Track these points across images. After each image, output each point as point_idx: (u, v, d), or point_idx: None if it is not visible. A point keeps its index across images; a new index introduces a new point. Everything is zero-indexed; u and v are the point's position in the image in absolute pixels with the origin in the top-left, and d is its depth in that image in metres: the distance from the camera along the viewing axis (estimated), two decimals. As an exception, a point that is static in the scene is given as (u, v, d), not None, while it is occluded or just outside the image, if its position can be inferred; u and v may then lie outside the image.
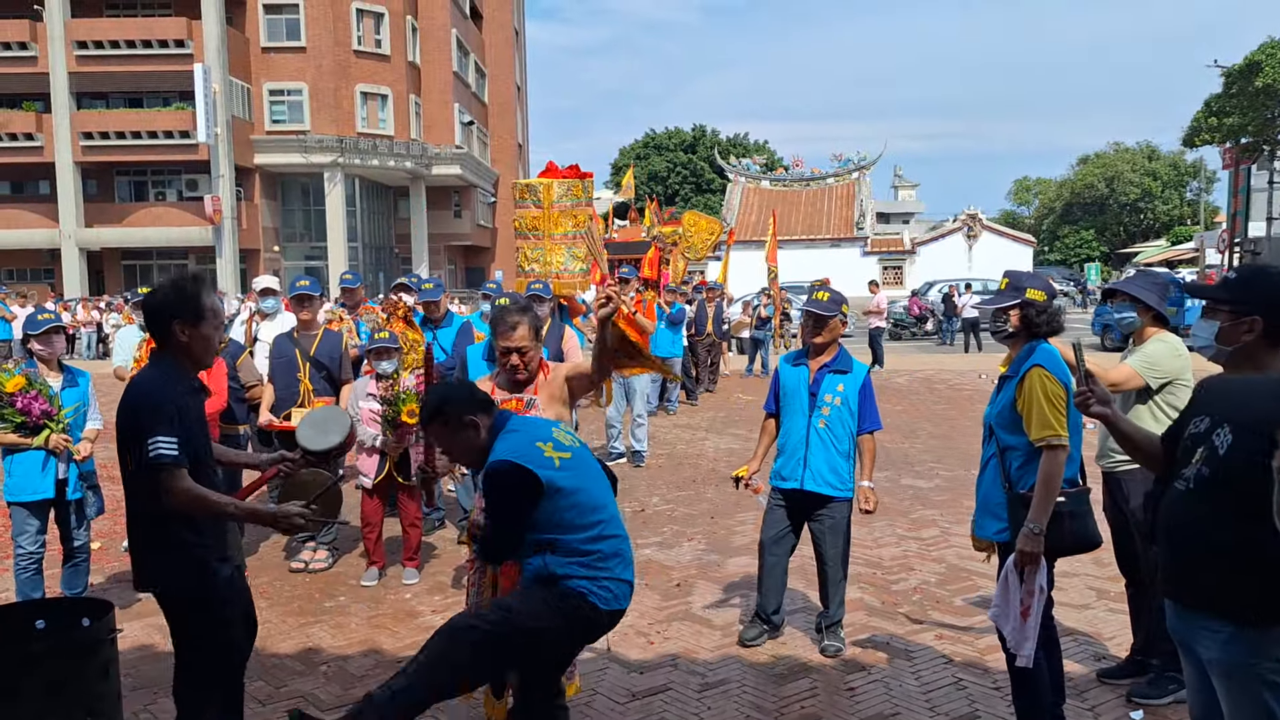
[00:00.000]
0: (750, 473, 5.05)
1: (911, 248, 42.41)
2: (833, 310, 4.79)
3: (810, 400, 4.81)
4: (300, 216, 41.06)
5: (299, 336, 6.30)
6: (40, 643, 3.57)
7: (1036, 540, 3.54)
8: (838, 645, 4.87)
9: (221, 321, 3.42)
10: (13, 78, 35.46)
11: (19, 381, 4.70)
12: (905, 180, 79.14)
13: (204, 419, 3.39)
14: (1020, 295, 3.76)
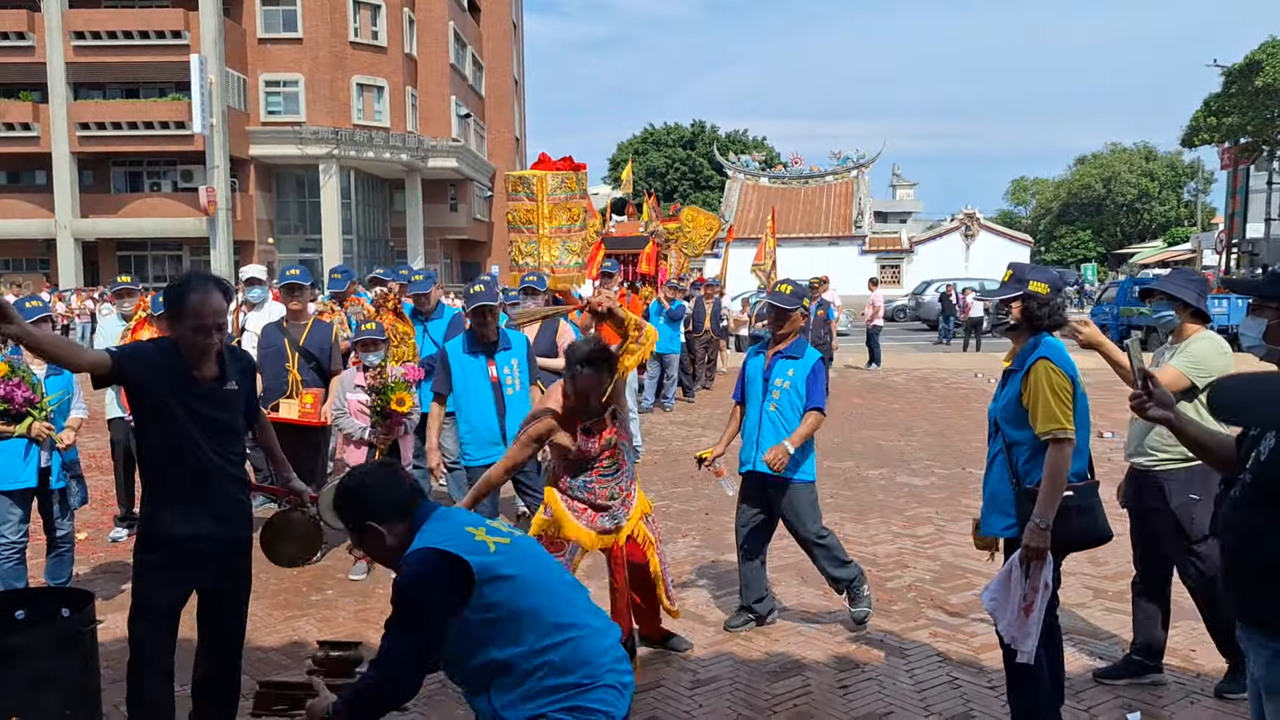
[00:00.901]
0: (714, 455, 5.18)
1: (909, 246, 42.42)
2: (793, 303, 4.99)
3: (764, 385, 4.99)
4: (295, 208, 40.93)
5: (288, 326, 6.23)
6: (20, 634, 3.51)
7: (1043, 535, 3.49)
8: (865, 610, 5.04)
9: (204, 326, 3.32)
10: (10, 67, 35.34)
11: (1, 369, 4.63)
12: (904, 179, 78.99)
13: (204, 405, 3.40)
14: (1023, 287, 3.71)
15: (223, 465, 3.46)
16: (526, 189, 7.93)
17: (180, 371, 3.34)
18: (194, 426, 3.36)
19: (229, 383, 3.49)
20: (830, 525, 7.05)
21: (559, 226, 7.85)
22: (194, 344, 3.32)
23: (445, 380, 5.45)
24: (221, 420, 3.46)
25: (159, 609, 3.43)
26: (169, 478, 3.40)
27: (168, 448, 3.37)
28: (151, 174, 39.11)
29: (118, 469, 6.84)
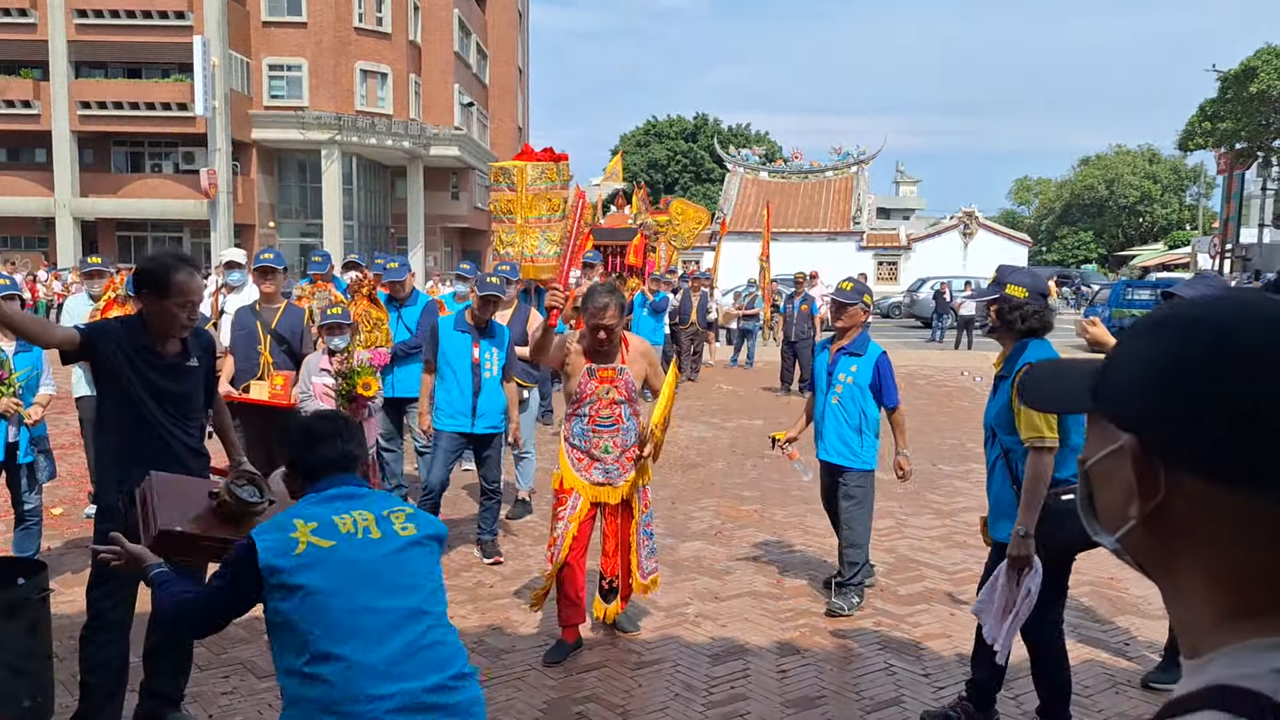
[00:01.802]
0: (786, 438, 5.67)
1: (907, 244, 42.38)
2: (853, 299, 5.35)
3: (827, 379, 5.37)
4: (297, 193, 40.98)
5: (261, 309, 6.34)
6: (-32, 599, 3.63)
7: (1025, 544, 3.52)
8: (840, 605, 5.23)
9: (190, 301, 3.52)
10: (11, 44, 35.32)
11: (-32, 344, 4.74)
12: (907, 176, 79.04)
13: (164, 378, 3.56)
14: (1000, 290, 3.75)
15: (182, 438, 3.62)
16: (507, 179, 8.02)
17: (145, 347, 3.51)
18: (154, 400, 3.52)
19: (190, 359, 3.66)
20: (793, 517, 7.24)
21: (538, 216, 7.94)
22: (174, 320, 3.50)
23: (433, 351, 5.95)
24: (180, 394, 3.62)
25: (116, 576, 3.56)
26: (128, 449, 3.54)
27: (128, 419, 3.52)
28: (153, 155, 39.14)
29: (89, 447, 6.95)
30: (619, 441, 4.63)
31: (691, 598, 5.48)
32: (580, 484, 4.66)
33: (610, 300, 4.50)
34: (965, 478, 8.66)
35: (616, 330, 4.56)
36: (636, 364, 4.70)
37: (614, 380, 4.61)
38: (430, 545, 2.53)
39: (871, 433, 5.32)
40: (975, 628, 3.89)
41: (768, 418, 12.02)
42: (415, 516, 2.55)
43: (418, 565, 2.45)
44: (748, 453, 9.79)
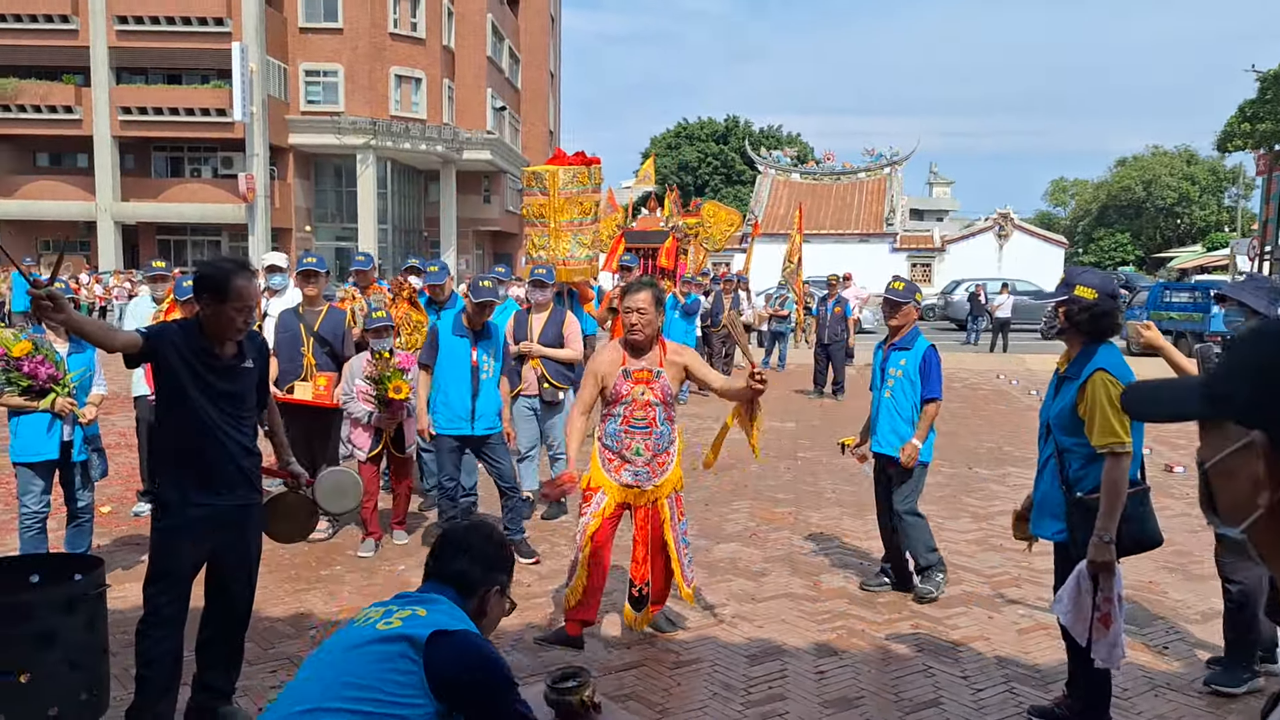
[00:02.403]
0: (855, 443, 5.83)
1: (941, 245, 42.08)
2: (906, 297, 5.50)
3: (881, 375, 5.58)
4: (332, 197, 41.44)
5: (304, 312, 6.46)
6: (28, 594, 3.75)
7: (1107, 549, 3.54)
8: (928, 590, 5.44)
9: (248, 306, 3.64)
10: (54, 50, 36.01)
11: (25, 346, 4.86)
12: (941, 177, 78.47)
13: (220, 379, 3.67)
14: (1068, 291, 3.75)
15: (236, 437, 3.73)
16: (540, 184, 8.09)
17: (202, 349, 3.63)
18: (210, 400, 3.64)
19: (245, 360, 3.78)
20: (829, 520, 7.25)
21: (570, 220, 8.00)
22: (231, 323, 3.62)
23: (432, 354, 5.98)
24: (236, 394, 3.75)
25: (173, 572, 3.67)
26: (186, 448, 3.66)
27: (185, 418, 3.64)
28: (192, 160, 39.73)
29: (142, 446, 7.10)
30: (650, 445, 4.64)
31: (728, 599, 5.51)
32: (608, 484, 4.69)
33: (646, 289, 4.61)
34: (1002, 481, 8.62)
35: (649, 319, 4.59)
36: (673, 367, 4.71)
37: (650, 382, 4.63)
38: (398, 644, 2.24)
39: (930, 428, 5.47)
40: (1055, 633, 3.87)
41: (800, 420, 12.01)
42: (413, 619, 2.30)
43: (361, 664, 2.23)
44: (781, 455, 9.80)
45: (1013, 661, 4.68)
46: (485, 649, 2.34)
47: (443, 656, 2.24)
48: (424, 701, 2.21)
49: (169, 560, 3.67)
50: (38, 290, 3.21)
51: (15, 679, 3.46)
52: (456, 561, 2.51)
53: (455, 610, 2.40)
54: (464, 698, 2.27)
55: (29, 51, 36.16)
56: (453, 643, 2.27)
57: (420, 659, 2.22)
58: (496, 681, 2.30)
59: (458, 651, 2.27)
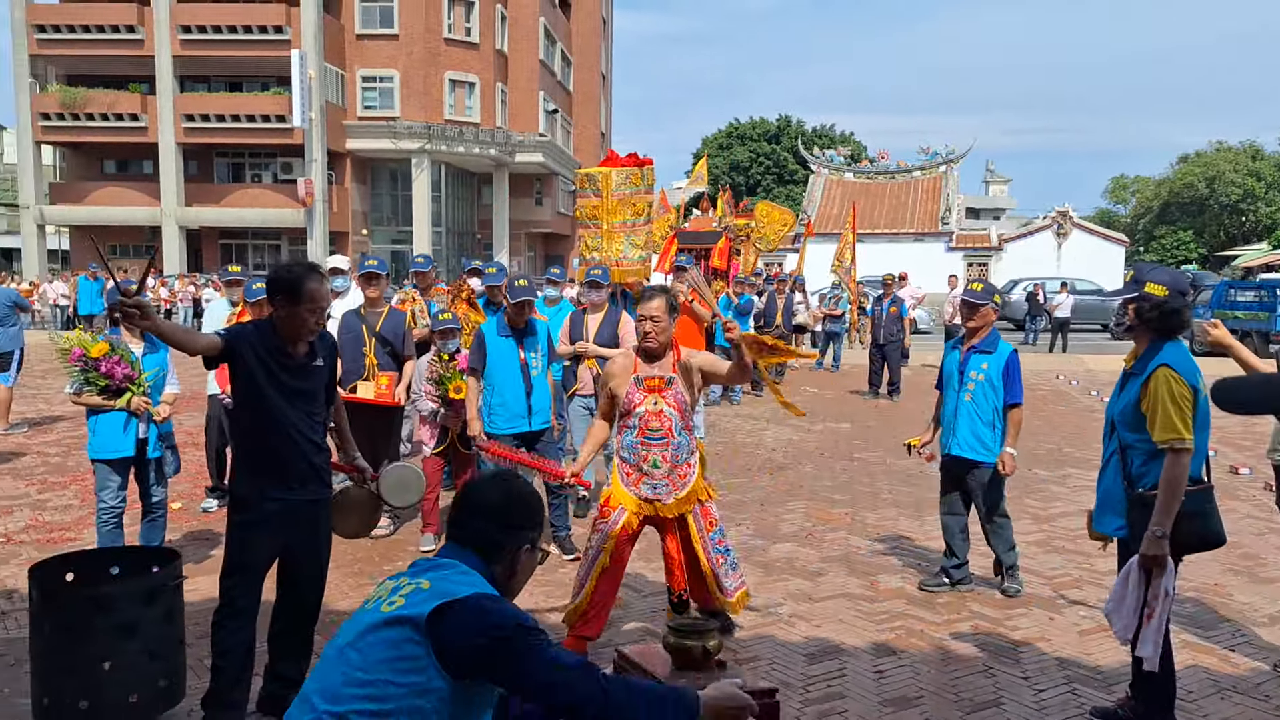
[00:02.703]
0: (922, 443, 5.86)
1: (998, 244, 41.48)
2: (985, 299, 5.50)
3: (959, 377, 5.53)
4: (388, 201, 42.03)
5: (366, 313, 6.60)
6: (110, 586, 3.89)
7: (1160, 544, 3.53)
8: (1016, 587, 5.54)
9: (319, 307, 3.77)
10: (120, 60, 36.97)
11: (103, 347, 5.04)
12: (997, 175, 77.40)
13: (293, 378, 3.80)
14: (1139, 288, 3.74)
15: (308, 434, 3.87)
16: (593, 185, 8.15)
17: (276, 348, 3.77)
18: (284, 398, 3.77)
19: (317, 359, 3.92)
20: (886, 520, 7.22)
21: (623, 221, 8.05)
22: (304, 324, 3.74)
23: (480, 358, 6.00)
24: (308, 392, 3.88)
25: (249, 565, 3.80)
26: (261, 444, 3.78)
27: (262, 417, 3.76)
28: (253, 165, 40.56)
29: (210, 443, 7.30)
30: (668, 456, 4.48)
31: (785, 598, 5.52)
32: (626, 498, 4.56)
33: (658, 295, 4.52)
34: (1062, 483, 8.51)
35: (663, 325, 4.47)
36: (688, 372, 4.55)
37: (662, 390, 4.49)
38: (400, 628, 2.03)
39: (1002, 428, 5.47)
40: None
41: (855, 421, 11.95)
42: (415, 595, 2.09)
43: (366, 655, 2.04)
44: (836, 455, 9.77)
45: (1074, 663, 4.64)
46: (494, 608, 2.07)
47: (449, 631, 2.01)
48: (440, 684, 2.02)
49: (245, 554, 3.79)
50: (127, 299, 3.35)
51: (102, 666, 3.60)
52: (475, 521, 2.26)
53: (469, 575, 2.15)
54: (483, 666, 2.04)
55: (97, 62, 37.20)
56: (458, 613, 2.03)
57: (426, 639, 2.01)
58: (512, 638, 2.03)
59: (463, 620, 2.03)
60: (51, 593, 3.71)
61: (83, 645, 3.61)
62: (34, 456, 9.21)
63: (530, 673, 2.03)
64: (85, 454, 5.53)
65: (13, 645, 4.63)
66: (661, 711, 2.05)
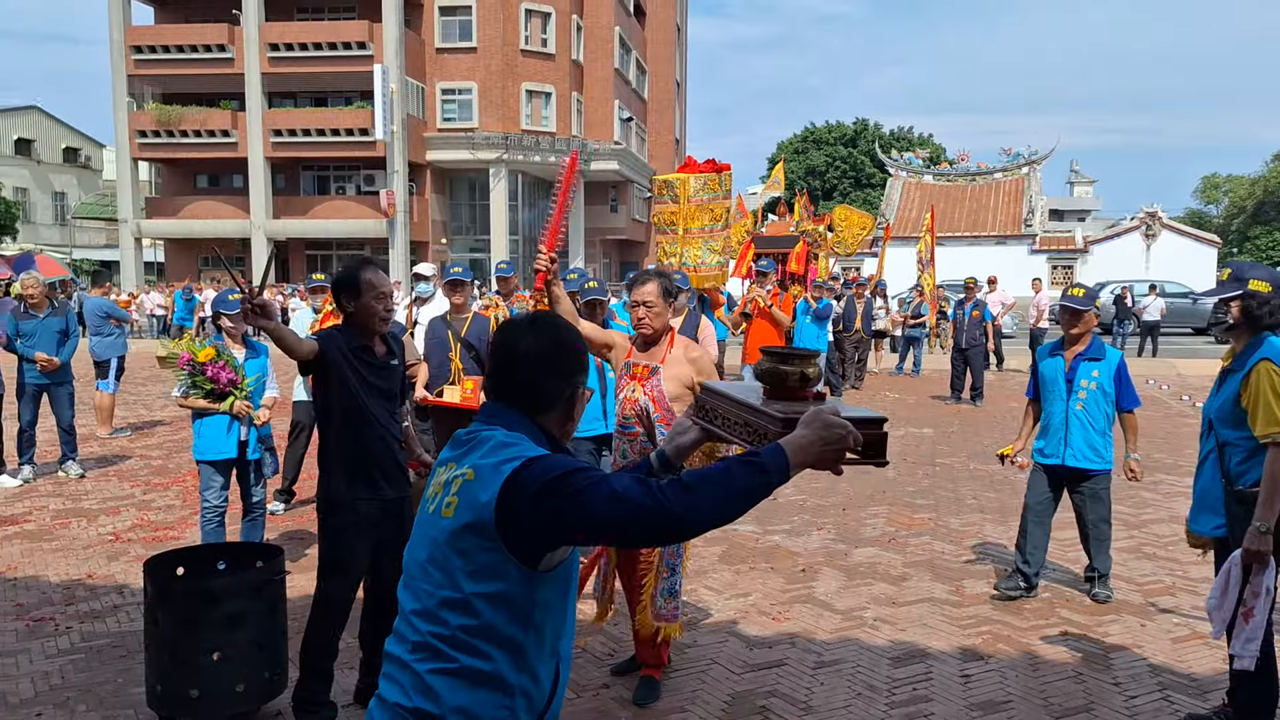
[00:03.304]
0: (1015, 451, 5.77)
1: (1084, 246, 40.45)
2: (1086, 305, 5.37)
3: (1067, 386, 5.39)
4: (466, 210, 42.72)
5: (451, 319, 6.76)
6: (220, 579, 4.08)
7: (1264, 539, 3.49)
8: (1107, 593, 5.48)
9: (382, 293, 3.93)
10: (212, 78, 38.28)
11: (209, 353, 5.28)
12: (1082, 176, 75.49)
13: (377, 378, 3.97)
14: (1242, 286, 3.72)
15: (394, 431, 4.03)
16: (670, 192, 8.24)
17: (360, 348, 3.94)
18: (369, 396, 3.94)
19: (394, 359, 4.08)
20: (970, 525, 7.14)
21: (701, 227, 8.12)
22: (374, 313, 3.92)
23: None
24: (390, 391, 4.05)
25: (346, 565, 3.95)
26: (354, 445, 3.93)
27: (355, 418, 3.92)
28: (337, 178, 41.59)
29: (290, 448, 7.54)
30: (636, 448, 4.23)
31: (868, 602, 5.51)
32: None
33: (653, 279, 4.30)
34: (1154, 489, 8.30)
35: (656, 312, 4.24)
36: (678, 366, 4.23)
37: (644, 379, 4.23)
38: (468, 537, 1.83)
39: (1111, 433, 5.41)
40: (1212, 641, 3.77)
41: (937, 426, 11.80)
42: (464, 488, 1.86)
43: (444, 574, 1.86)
44: (918, 461, 9.67)
45: (1167, 669, 4.55)
46: (542, 471, 1.79)
47: (513, 518, 1.78)
48: (522, 586, 1.82)
49: (342, 555, 3.94)
50: (250, 298, 3.57)
51: (211, 657, 3.78)
52: (521, 373, 1.97)
53: (516, 443, 1.89)
54: (551, 531, 1.80)
55: (190, 80, 38.57)
56: (514, 495, 1.78)
57: (497, 541, 1.80)
58: (569, 484, 1.75)
59: (520, 501, 1.78)
60: (164, 586, 3.90)
61: (193, 636, 3.79)
62: (137, 459, 9.61)
63: (594, 513, 1.75)
64: (186, 456, 5.80)
65: (125, 638, 4.87)
66: (735, 480, 1.75)
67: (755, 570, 6.09)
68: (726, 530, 6.99)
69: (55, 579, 5.85)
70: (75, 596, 5.53)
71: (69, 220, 52.04)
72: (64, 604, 5.40)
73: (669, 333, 4.36)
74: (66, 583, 5.79)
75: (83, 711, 4.10)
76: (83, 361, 10.72)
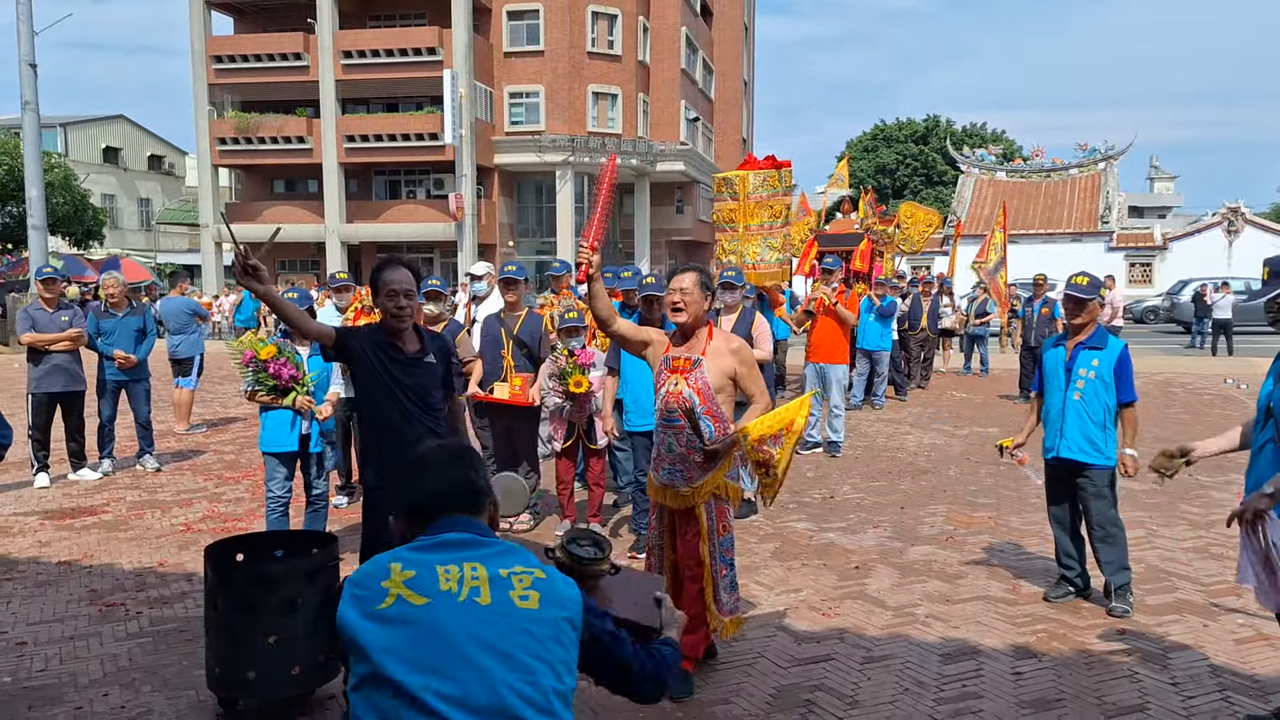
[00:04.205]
0: (1015, 444, 5.53)
1: (1163, 243, 39.34)
2: (1090, 293, 5.21)
3: (1066, 375, 5.24)
4: (533, 213, 43.13)
5: (505, 317, 6.87)
6: (277, 565, 4.21)
7: (1268, 500, 3.48)
8: (1124, 608, 5.14)
9: (393, 291, 4.04)
10: (289, 86, 39.30)
11: (271, 350, 5.46)
12: (1163, 172, 73.29)
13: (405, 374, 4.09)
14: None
15: (427, 423, 4.14)
16: (730, 189, 8.24)
17: (387, 344, 4.09)
18: (398, 390, 4.08)
19: (427, 356, 4.20)
20: (1031, 525, 7.02)
21: (760, 224, 8.10)
22: (388, 309, 4.04)
23: (615, 357, 6.22)
24: (420, 387, 4.15)
25: (382, 549, 4.05)
26: (381, 435, 4.09)
27: (379, 410, 4.07)
28: (408, 182, 42.36)
29: (339, 443, 7.71)
30: (682, 440, 4.23)
31: (921, 599, 5.45)
32: (650, 479, 4.45)
33: (691, 271, 4.34)
34: (1224, 489, 8.06)
35: (691, 301, 4.23)
36: (719, 358, 4.24)
37: (686, 372, 4.23)
38: (558, 625, 1.93)
39: (1113, 428, 5.19)
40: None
41: (1004, 426, 11.59)
42: (542, 583, 1.97)
43: (531, 646, 1.89)
44: (982, 460, 9.52)
45: (1228, 670, 4.43)
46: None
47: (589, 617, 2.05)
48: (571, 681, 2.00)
49: (377, 539, 4.09)
50: (248, 259, 3.63)
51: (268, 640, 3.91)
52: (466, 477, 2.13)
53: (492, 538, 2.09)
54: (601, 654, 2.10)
55: (267, 88, 39.66)
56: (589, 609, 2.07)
57: (579, 629, 1.99)
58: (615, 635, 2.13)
59: (598, 616, 2.08)
60: (224, 572, 4.05)
61: (251, 620, 3.91)
62: (211, 454, 9.94)
63: (620, 652, 2.12)
64: (257, 451, 5.99)
65: (190, 623, 5.05)
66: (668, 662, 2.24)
67: (808, 567, 6.07)
68: (780, 527, 6.98)
69: (128, 567, 6.08)
70: (146, 583, 5.75)
71: (153, 226, 53.83)
72: (135, 590, 5.62)
73: (707, 325, 4.36)
74: (139, 570, 6.02)
75: (147, 692, 4.27)
76: (159, 360, 11.10)
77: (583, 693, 4.23)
